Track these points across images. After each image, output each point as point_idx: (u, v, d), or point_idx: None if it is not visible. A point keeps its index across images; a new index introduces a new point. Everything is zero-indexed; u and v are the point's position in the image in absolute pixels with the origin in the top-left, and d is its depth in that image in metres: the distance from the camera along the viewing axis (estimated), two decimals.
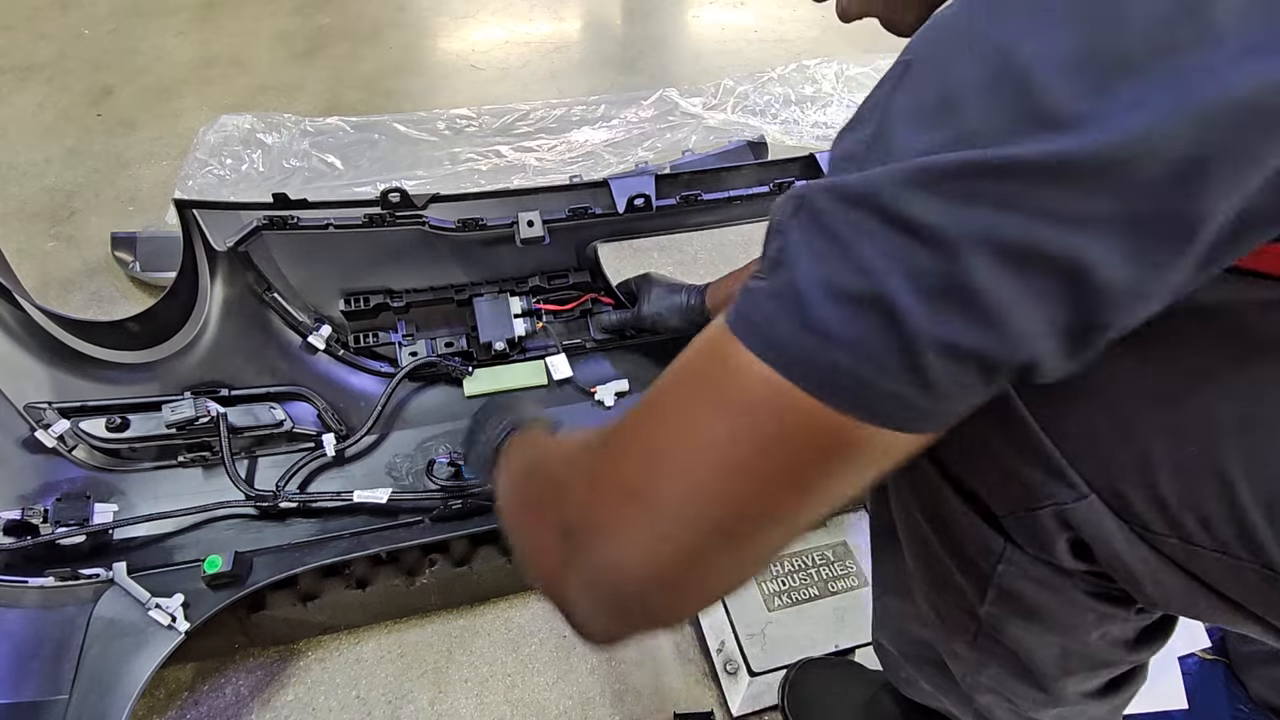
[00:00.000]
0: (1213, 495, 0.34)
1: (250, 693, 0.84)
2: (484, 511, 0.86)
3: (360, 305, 0.95)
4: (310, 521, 0.86)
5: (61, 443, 0.84)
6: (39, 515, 0.79)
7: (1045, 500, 0.39)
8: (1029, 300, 0.25)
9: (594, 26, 2.13)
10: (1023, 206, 0.25)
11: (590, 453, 0.37)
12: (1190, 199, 0.24)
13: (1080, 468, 0.37)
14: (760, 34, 2.10)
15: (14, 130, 1.62)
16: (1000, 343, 0.26)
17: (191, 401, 0.85)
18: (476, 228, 0.92)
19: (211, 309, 0.90)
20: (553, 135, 1.62)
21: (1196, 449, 0.34)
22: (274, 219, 0.87)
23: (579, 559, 0.34)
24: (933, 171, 0.25)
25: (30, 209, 1.44)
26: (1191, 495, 0.35)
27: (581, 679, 0.86)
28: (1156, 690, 0.84)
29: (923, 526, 0.48)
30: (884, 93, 0.29)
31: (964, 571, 0.46)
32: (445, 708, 0.84)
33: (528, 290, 1.00)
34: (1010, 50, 0.25)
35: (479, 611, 0.91)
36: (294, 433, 0.91)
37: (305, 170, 1.49)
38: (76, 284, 1.30)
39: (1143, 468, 0.36)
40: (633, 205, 0.93)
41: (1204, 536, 0.35)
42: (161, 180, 1.51)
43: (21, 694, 0.69)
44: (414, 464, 0.93)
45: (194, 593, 0.75)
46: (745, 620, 0.89)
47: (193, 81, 1.79)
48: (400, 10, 2.12)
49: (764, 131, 1.61)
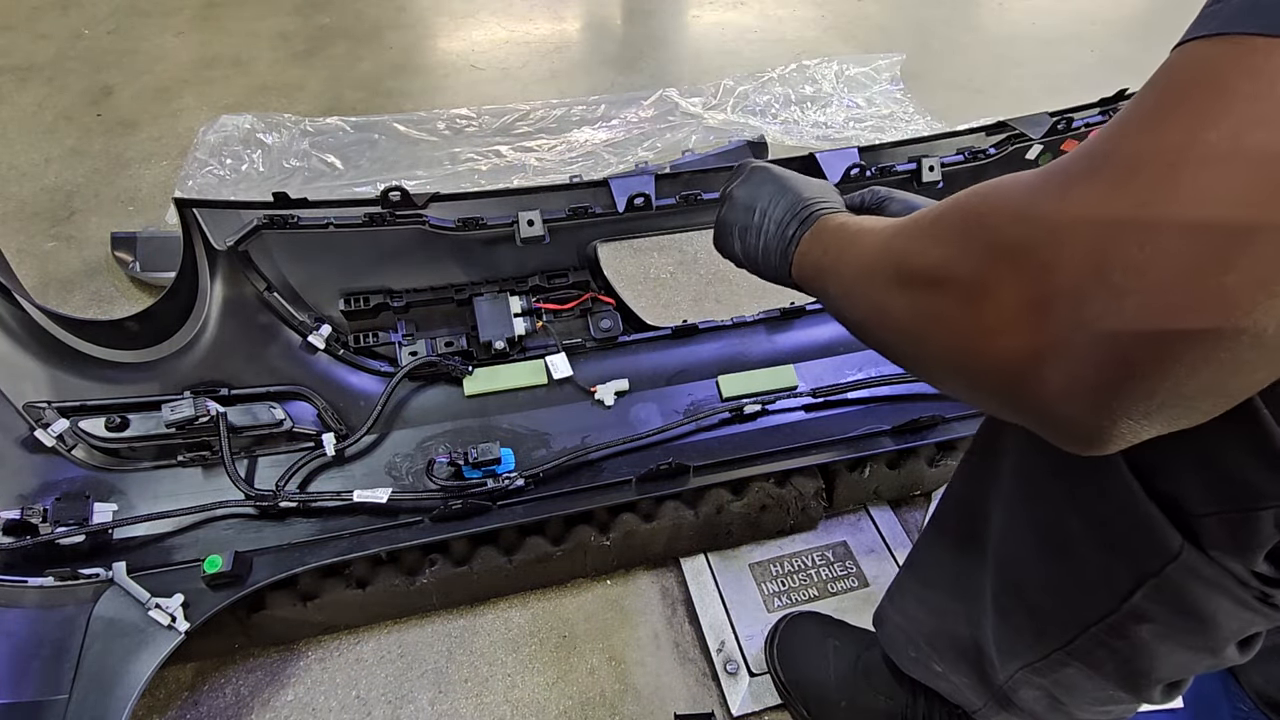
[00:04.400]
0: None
1: (250, 693, 0.84)
2: (484, 511, 0.86)
3: (360, 305, 0.95)
4: (310, 521, 0.86)
5: (61, 442, 0.84)
6: (38, 515, 0.78)
7: (1269, 500, 0.36)
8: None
9: (594, 26, 2.13)
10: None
11: (1083, 188, 0.28)
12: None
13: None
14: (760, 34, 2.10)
15: (14, 130, 1.62)
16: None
17: (191, 401, 0.85)
18: (476, 227, 0.92)
19: (211, 308, 0.90)
20: (553, 135, 1.63)
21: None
22: (274, 218, 0.87)
23: (1080, 312, 0.28)
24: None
25: (30, 209, 1.44)
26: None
27: (581, 679, 0.86)
28: None
29: (1070, 524, 0.45)
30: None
31: (1115, 569, 0.44)
32: (445, 708, 0.84)
33: (528, 289, 1.00)
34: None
35: (479, 611, 0.91)
36: (294, 432, 0.91)
37: (305, 170, 1.49)
38: (76, 284, 1.30)
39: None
40: (633, 205, 0.93)
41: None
42: (161, 180, 1.51)
43: (21, 694, 0.69)
44: (414, 464, 0.93)
45: (194, 593, 0.75)
46: (745, 620, 0.89)
47: (193, 81, 1.79)
48: (400, 10, 2.12)
49: (764, 131, 1.61)
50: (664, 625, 0.91)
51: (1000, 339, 0.31)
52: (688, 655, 0.89)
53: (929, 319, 0.35)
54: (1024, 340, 0.30)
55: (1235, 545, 0.39)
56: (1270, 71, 0.25)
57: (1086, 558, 0.45)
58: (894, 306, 0.38)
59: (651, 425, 0.95)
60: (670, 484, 0.89)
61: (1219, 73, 0.26)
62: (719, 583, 0.92)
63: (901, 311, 0.38)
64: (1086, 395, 0.29)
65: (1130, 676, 0.49)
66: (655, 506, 0.90)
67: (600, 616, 0.92)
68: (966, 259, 0.32)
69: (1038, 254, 0.29)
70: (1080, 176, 0.29)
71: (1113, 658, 0.48)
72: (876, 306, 0.41)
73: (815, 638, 0.82)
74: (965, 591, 0.56)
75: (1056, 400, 0.29)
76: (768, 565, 0.94)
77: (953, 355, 0.34)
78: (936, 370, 0.38)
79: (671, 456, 0.91)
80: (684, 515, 0.89)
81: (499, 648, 0.89)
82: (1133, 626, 0.45)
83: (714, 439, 0.96)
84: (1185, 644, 0.45)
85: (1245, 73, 0.25)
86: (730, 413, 0.96)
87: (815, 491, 0.93)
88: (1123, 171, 0.27)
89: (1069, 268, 0.28)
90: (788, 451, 0.94)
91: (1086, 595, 0.46)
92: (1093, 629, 0.47)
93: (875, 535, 0.98)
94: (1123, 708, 0.55)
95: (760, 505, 0.91)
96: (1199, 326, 0.25)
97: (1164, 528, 0.40)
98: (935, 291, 0.35)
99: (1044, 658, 0.52)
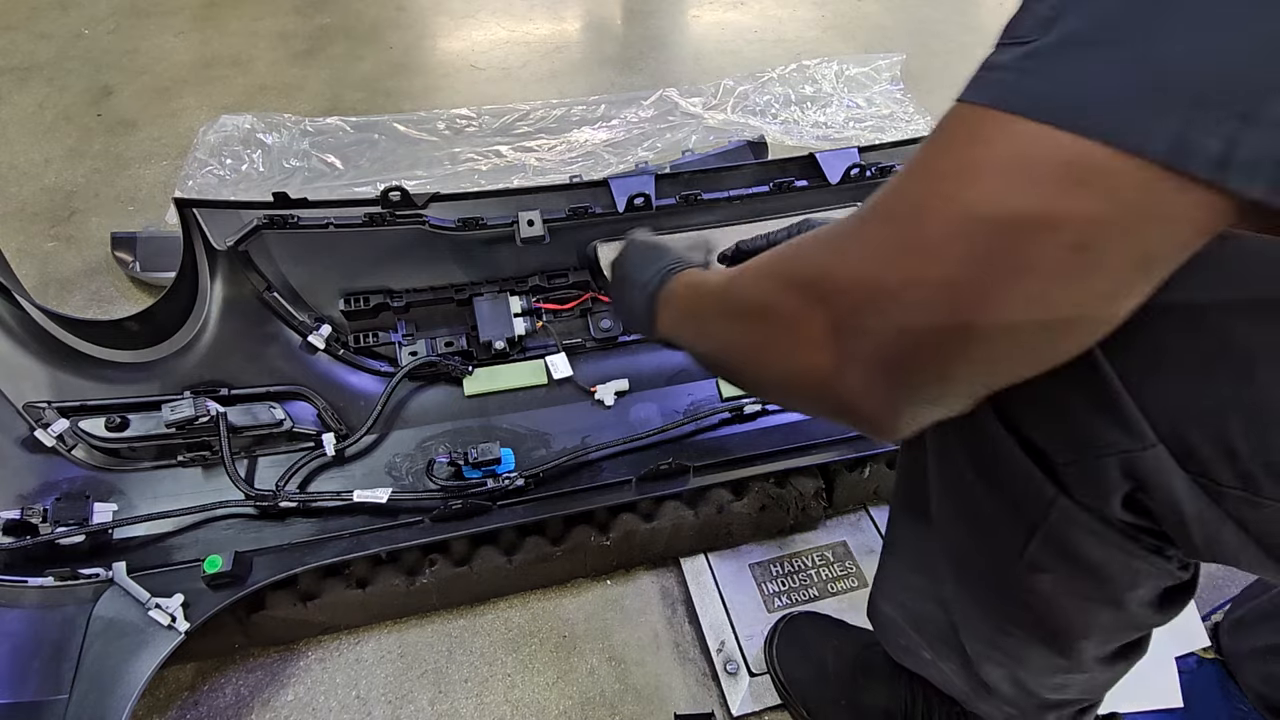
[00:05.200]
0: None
1: (250, 693, 0.84)
2: (484, 511, 0.86)
3: (360, 305, 0.95)
4: (310, 521, 0.86)
5: (61, 442, 0.84)
6: (38, 515, 0.78)
7: (1112, 448, 0.39)
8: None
9: (594, 26, 2.13)
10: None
11: (856, 232, 0.37)
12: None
13: (1150, 417, 0.37)
14: (760, 34, 2.10)
15: (14, 130, 1.62)
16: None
17: (191, 401, 0.85)
18: (476, 227, 0.92)
19: (211, 308, 0.90)
20: (553, 135, 1.62)
21: (1273, 400, 0.34)
22: (274, 218, 0.87)
23: (861, 329, 0.35)
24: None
25: (30, 209, 1.44)
26: (1264, 447, 0.35)
27: (581, 679, 0.86)
28: (1154, 690, 0.84)
29: (969, 480, 0.48)
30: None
31: (1010, 521, 0.46)
32: (445, 708, 0.84)
33: (528, 289, 1.00)
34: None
35: (479, 611, 0.91)
36: (294, 432, 0.91)
37: (305, 170, 1.49)
38: (76, 284, 1.30)
39: (1216, 418, 0.36)
40: (633, 205, 0.94)
41: (1274, 489, 0.36)
42: (161, 180, 1.50)
43: (21, 694, 0.69)
44: (414, 464, 0.93)
45: (194, 592, 0.75)
46: (745, 620, 0.89)
47: (193, 81, 1.79)
48: (400, 10, 2.12)
49: (764, 131, 1.61)
50: (664, 625, 0.91)
51: (812, 357, 0.38)
52: (688, 655, 0.89)
53: (759, 347, 0.44)
54: (828, 358, 0.37)
55: (1094, 493, 0.41)
56: (1005, 144, 0.29)
57: (991, 514, 0.47)
58: (734, 338, 0.47)
59: (651, 425, 0.95)
60: (670, 484, 0.89)
61: (967, 137, 0.31)
62: (719, 583, 0.92)
63: (740, 341, 0.46)
64: (877, 394, 0.36)
65: (1054, 638, 0.51)
66: (655, 506, 0.90)
67: (600, 616, 0.92)
68: (784, 297, 0.40)
69: (830, 290, 0.37)
70: (861, 222, 0.36)
71: (1031, 617, 0.50)
72: (722, 341, 0.50)
73: (814, 637, 0.82)
74: (929, 567, 0.57)
75: (857, 400, 0.37)
76: (768, 565, 0.94)
77: (780, 373, 0.42)
78: (771, 387, 0.46)
79: (671, 456, 0.91)
80: (684, 515, 0.89)
81: (499, 648, 0.89)
82: (1035, 579, 0.47)
83: (714, 439, 0.96)
84: (1083, 594, 0.47)
85: (983, 141, 0.30)
86: (730, 413, 0.96)
87: (815, 491, 0.93)
88: (884, 218, 0.35)
89: (851, 299, 0.36)
90: (788, 451, 0.94)
91: (997, 551, 0.48)
92: (1009, 586, 0.49)
93: (875, 535, 0.98)
94: (1076, 685, 0.56)
95: (760, 505, 0.91)
96: (947, 337, 0.32)
97: (1038, 478, 0.43)
98: (763, 323, 0.43)
99: (988, 625, 0.54)
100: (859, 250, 0.36)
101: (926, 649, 0.63)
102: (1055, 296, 0.30)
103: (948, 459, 0.49)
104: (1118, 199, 0.28)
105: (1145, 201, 0.28)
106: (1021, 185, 0.29)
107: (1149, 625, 0.51)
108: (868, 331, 0.35)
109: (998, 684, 0.58)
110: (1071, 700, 0.60)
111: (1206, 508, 0.38)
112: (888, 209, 0.35)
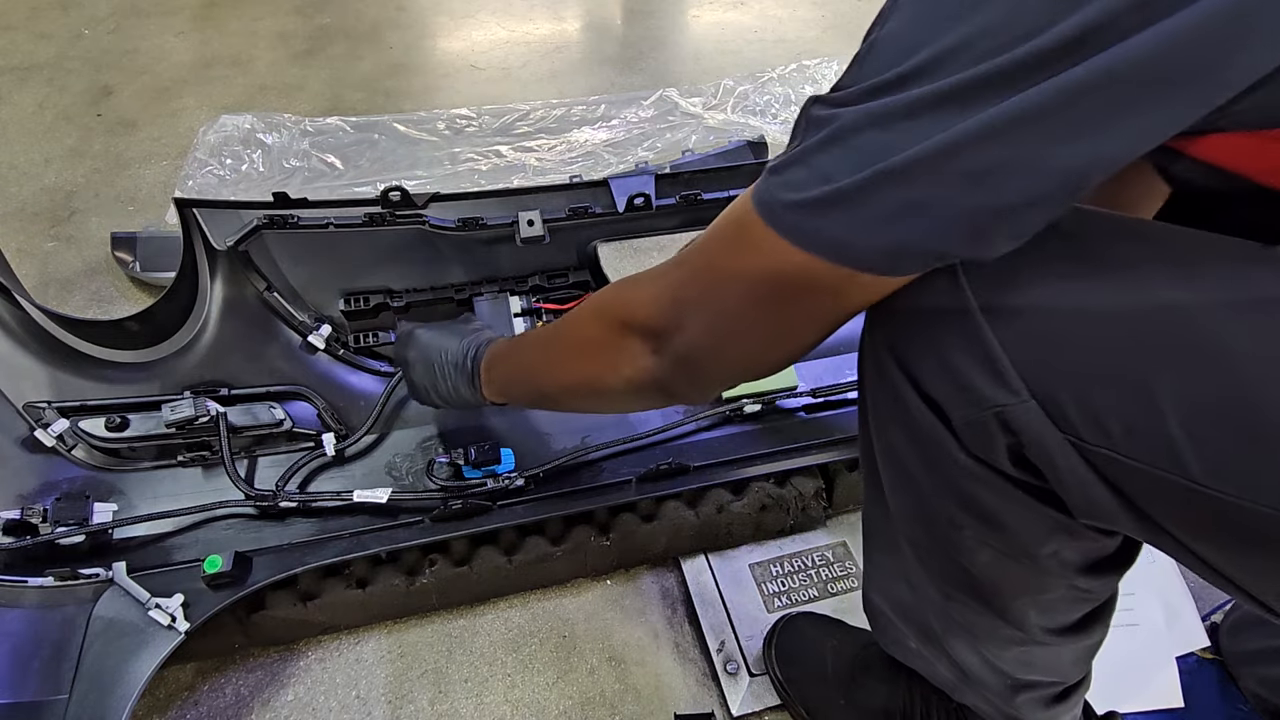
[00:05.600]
0: (1138, 406, 0.37)
1: (250, 693, 0.84)
2: (484, 511, 0.86)
3: (360, 305, 0.95)
4: (310, 521, 0.86)
5: (61, 442, 0.84)
6: (38, 515, 0.79)
7: (990, 404, 0.41)
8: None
9: (594, 26, 2.13)
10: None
11: (666, 286, 0.51)
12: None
13: (1023, 373, 0.40)
14: (760, 34, 2.10)
15: (14, 130, 1.62)
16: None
17: (191, 401, 0.85)
18: (476, 227, 0.92)
19: (211, 308, 0.90)
20: (553, 135, 1.62)
21: (1126, 360, 0.37)
22: (274, 218, 0.87)
23: (668, 351, 0.51)
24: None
25: (30, 209, 1.44)
26: (1119, 405, 0.37)
27: (581, 679, 0.86)
28: (1154, 689, 0.84)
29: (899, 446, 0.50)
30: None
31: (933, 482, 0.48)
32: (445, 708, 0.84)
33: (528, 290, 1.00)
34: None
35: (479, 611, 0.91)
36: (294, 432, 0.91)
37: (305, 170, 1.49)
38: (76, 284, 1.30)
39: (1078, 376, 0.38)
40: (633, 205, 0.94)
41: (1129, 446, 0.37)
42: (161, 180, 1.51)
43: (21, 694, 0.69)
44: (414, 464, 0.93)
45: (194, 592, 0.75)
46: (745, 620, 0.89)
47: (193, 81, 1.79)
48: (400, 10, 2.12)
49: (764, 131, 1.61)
50: (664, 625, 0.91)
51: (644, 371, 0.54)
52: (688, 655, 0.89)
53: (597, 376, 0.58)
54: (654, 368, 0.53)
55: (985, 447, 0.43)
56: (771, 257, 0.42)
57: (919, 477, 0.49)
58: (572, 371, 0.61)
59: (651, 425, 0.95)
60: (670, 484, 0.89)
61: (752, 245, 0.43)
62: (719, 583, 0.92)
63: (581, 374, 0.60)
64: (690, 386, 0.54)
65: (990, 600, 0.52)
66: (655, 506, 0.90)
67: (600, 616, 0.92)
68: (609, 332, 0.55)
69: (644, 321, 0.52)
70: (666, 271, 0.52)
71: (967, 578, 0.52)
72: (558, 379, 0.63)
73: (813, 637, 0.82)
74: (894, 546, 0.58)
75: (678, 391, 0.55)
76: (768, 565, 0.94)
77: (619, 387, 0.56)
78: (611, 402, 0.62)
79: (671, 456, 0.91)
80: (684, 515, 0.89)
81: (499, 648, 0.89)
82: (960, 536, 0.49)
83: (714, 439, 0.96)
84: (1001, 550, 0.49)
85: (749, 244, 0.43)
86: (730, 413, 0.96)
87: (815, 491, 0.93)
88: (675, 273, 0.51)
89: (658, 326, 0.51)
90: (788, 451, 0.94)
91: (929, 514, 0.50)
92: (944, 547, 0.51)
93: None
94: (1040, 662, 0.57)
95: (760, 505, 0.91)
96: (716, 351, 0.49)
97: (943, 434, 0.45)
98: (598, 352, 0.57)
99: (937, 593, 0.55)
100: (657, 299, 0.51)
101: (913, 638, 0.64)
102: (777, 344, 0.48)
103: (882, 430, 0.51)
104: (826, 288, 0.42)
105: (839, 291, 0.42)
106: (770, 284, 0.43)
107: (1083, 591, 0.51)
108: (674, 353, 0.51)
109: (968, 663, 0.59)
110: (1041, 681, 0.60)
111: (1079, 465, 0.40)
112: (680, 274, 0.50)
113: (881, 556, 0.62)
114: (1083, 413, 0.38)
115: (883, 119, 0.36)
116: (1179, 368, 0.36)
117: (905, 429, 0.48)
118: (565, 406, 0.67)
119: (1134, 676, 0.85)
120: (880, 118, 0.37)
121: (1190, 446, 0.36)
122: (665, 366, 0.52)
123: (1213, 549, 0.39)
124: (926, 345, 0.43)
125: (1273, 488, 0.34)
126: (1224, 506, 0.36)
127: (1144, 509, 0.40)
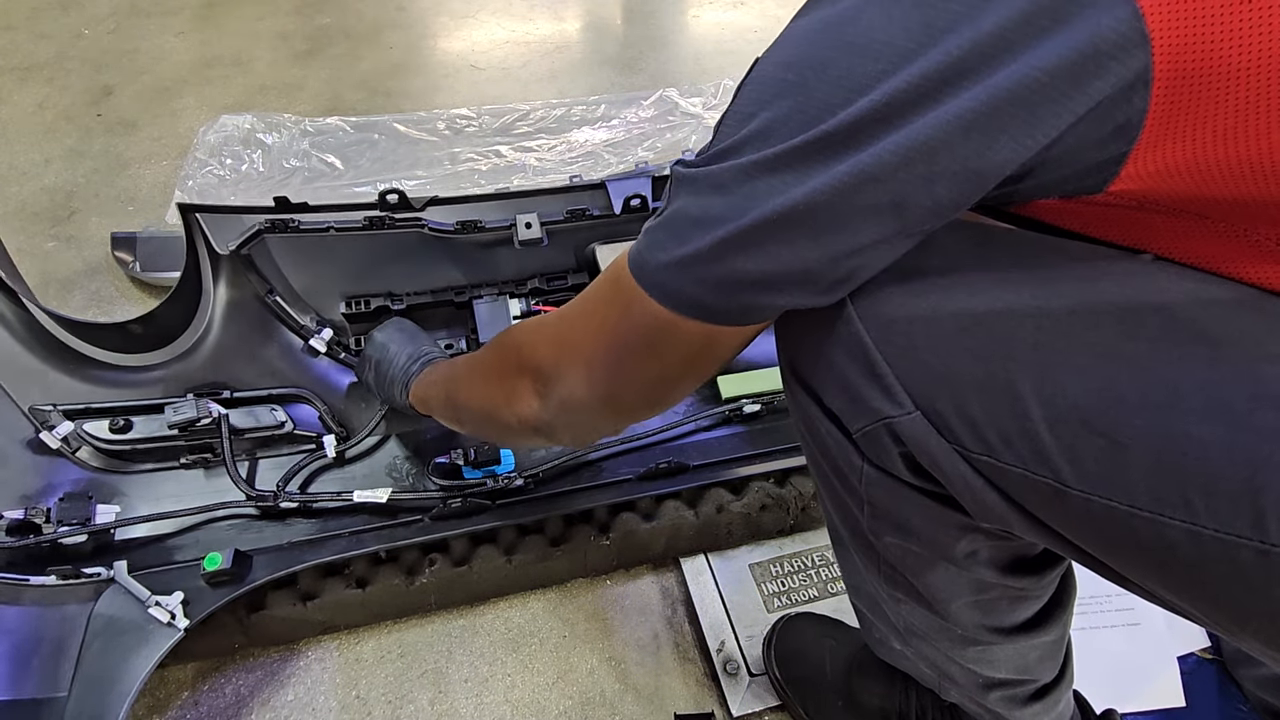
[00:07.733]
0: (1010, 413, 0.38)
1: (250, 693, 0.84)
2: (484, 511, 0.86)
3: (361, 308, 0.96)
4: (310, 521, 0.86)
5: (65, 444, 0.84)
6: (42, 515, 0.79)
7: (879, 416, 0.42)
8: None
9: (594, 26, 2.13)
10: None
11: (553, 332, 0.55)
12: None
13: (906, 385, 0.41)
14: (760, 34, 2.10)
15: (14, 130, 1.62)
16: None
17: (194, 403, 0.85)
18: (475, 230, 0.93)
19: (214, 312, 0.91)
20: (553, 135, 1.63)
21: (996, 369, 0.38)
22: (275, 222, 0.87)
23: (552, 395, 0.53)
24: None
25: (30, 209, 1.44)
26: (993, 413, 0.38)
27: (581, 679, 0.87)
28: (1155, 689, 0.84)
29: (817, 459, 0.51)
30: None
31: (848, 492, 0.49)
32: (445, 708, 0.84)
33: (527, 292, 1.00)
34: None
35: (479, 611, 0.92)
36: (295, 434, 0.91)
37: (305, 170, 1.49)
38: (76, 284, 1.30)
39: (955, 386, 0.40)
40: (629, 206, 0.94)
41: (1006, 453, 0.38)
42: (161, 180, 1.51)
43: (21, 691, 0.70)
44: (414, 465, 0.93)
45: (194, 590, 0.76)
46: (745, 620, 0.89)
47: (193, 81, 1.79)
48: (400, 10, 2.12)
49: None
50: (664, 625, 0.91)
51: (530, 411, 0.56)
52: (688, 655, 0.89)
53: (495, 407, 0.60)
54: (538, 410, 0.55)
55: (881, 457, 0.45)
56: (634, 308, 0.45)
57: (838, 488, 0.50)
58: (478, 395, 0.65)
59: (651, 425, 0.96)
60: (670, 483, 0.89)
61: (624, 303, 0.46)
62: (719, 583, 0.92)
63: (481, 401, 0.64)
64: (568, 431, 0.57)
65: (924, 599, 0.53)
66: (655, 506, 0.90)
67: (600, 616, 0.92)
68: (508, 368, 0.58)
69: (531, 367, 0.55)
70: (557, 318, 0.55)
71: (899, 578, 0.53)
72: (467, 399, 0.67)
73: (812, 638, 0.82)
74: (846, 552, 0.58)
75: (558, 435, 0.58)
76: (768, 565, 0.95)
77: (511, 422, 0.58)
78: (504, 434, 0.71)
79: (671, 456, 0.91)
80: (684, 515, 0.89)
81: (499, 648, 0.89)
82: (881, 543, 0.50)
83: (714, 439, 0.97)
84: (920, 554, 0.49)
85: (623, 301, 0.46)
86: (730, 413, 0.97)
87: (815, 491, 0.93)
88: (559, 324, 0.54)
89: (544, 372, 0.54)
90: (787, 451, 0.94)
91: (852, 521, 0.51)
92: (873, 551, 0.52)
93: None
94: (1003, 660, 0.57)
95: (760, 505, 0.91)
96: (594, 400, 0.52)
97: (846, 446, 0.46)
98: (499, 384, 0.59)
99: (882, 592, 0.56)
100: (545, 344, 0.55)
101: (892, 638, 0.64)
102: (657, 390, 0.51)
103: (803, 442, 0.52)
104: (696, 339, 0.45)
105: (709, 340, 0.45)
106: (643, 337, 0.46)
107: (1018, 589, 0.52)
108: (557, 400, 0.53)
109: (937, 662, 0.59)
110: (1011, 679, 0.59)
111: (968, 472, 0.41)
112: (561, 327, 0.54)
113: (843, 562, 0.63)
114: (963, 422, 0.39)
115: (724, 184, 0.40)
116: (1037, 372, 0.37)
117: (816, 441, 0.49)
118: (468, 428, 0.71)
119: (1135, 676, 0.85)
120: (721, 183, 0.40)
121: (1059, 451, 0.36)
122: (550, 410, 0.54)
123: (1102, 551, 0.40)
124: (821, 361, 0.45)
125: (1139, 488, 0.35)
126: (1098, 509, 0.36)
127: (1034, 514, 0.40)
